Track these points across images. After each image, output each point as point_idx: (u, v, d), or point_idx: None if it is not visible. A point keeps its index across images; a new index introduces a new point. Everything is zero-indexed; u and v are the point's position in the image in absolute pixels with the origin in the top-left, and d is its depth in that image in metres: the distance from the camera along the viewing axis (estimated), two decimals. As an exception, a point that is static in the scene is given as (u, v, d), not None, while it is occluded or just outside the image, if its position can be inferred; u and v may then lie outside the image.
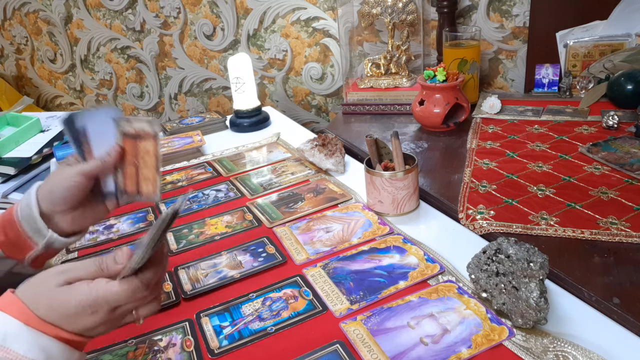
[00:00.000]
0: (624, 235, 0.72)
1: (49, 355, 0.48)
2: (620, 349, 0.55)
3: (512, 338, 0.57)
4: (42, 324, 0.48)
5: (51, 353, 0.48)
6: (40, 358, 0.47)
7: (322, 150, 1.02)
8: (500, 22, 1.34)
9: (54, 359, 0.48)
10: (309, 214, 0.87)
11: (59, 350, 0.49)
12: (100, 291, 0.50)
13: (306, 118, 1.73)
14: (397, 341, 0.58)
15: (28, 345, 0.47)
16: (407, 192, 0.83)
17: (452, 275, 0.69)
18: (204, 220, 0.89)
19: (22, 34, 2.12)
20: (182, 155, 1.16)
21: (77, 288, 0.50)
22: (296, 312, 0.65)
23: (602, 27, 1.23)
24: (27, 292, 0.50)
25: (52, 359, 0.48)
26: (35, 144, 1.69)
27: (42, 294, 0.50)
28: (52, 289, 0.50)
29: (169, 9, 1.75)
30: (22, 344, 0.47)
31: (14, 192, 1.57)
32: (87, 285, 0.50)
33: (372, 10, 1.32)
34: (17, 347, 0.46)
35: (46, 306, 0.49)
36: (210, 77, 1.82)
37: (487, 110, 1.21)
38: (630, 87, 1.11)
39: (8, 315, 0.48)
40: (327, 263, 0.74)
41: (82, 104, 2.17)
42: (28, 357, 0.46)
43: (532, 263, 0.57)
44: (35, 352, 0.47)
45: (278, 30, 1.62)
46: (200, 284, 0.72)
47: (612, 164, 0.91)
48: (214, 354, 0.60)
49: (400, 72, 1.35)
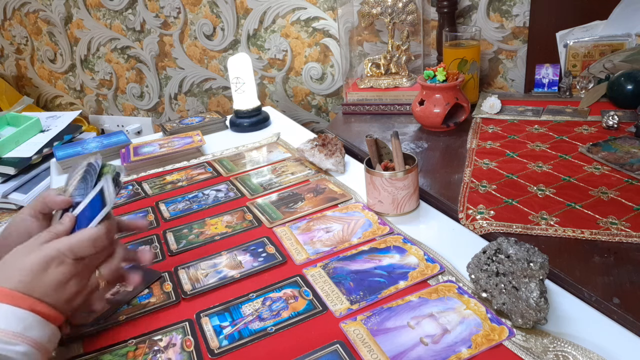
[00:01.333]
0: (624, 235, 0.72)
1: (26, 325, 0.50)
2: (620, 349, 0.55)
3: (512, 338, 0.57)
4: (16, 297, 0.51)
5: (28, 323, 0.50)
6: (19, 328, 0.49)
7: (322, 150, 1.02)
8: (500, 22, 1.34)
9: (33, 328, 0.51)
10: (309, 214, 0.87)
11: (33, 320, 0.51)
12: (64, 241, 0.54)
13: (306, 118, 1.73)
14: (397, 341, 0.58)
15: (4, 319, 0.49)
16: (407, 192, 0.83)
17: (452, 275, 0.69)
18: (204, 220, 0.89)
19: (22, 34, 2.12)
20: (182, 155, 1.16)
21: (32, 245, 0.54)
22: (296, 312, 0.65)
23: (602, 27, 1.23)
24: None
25: (31, 328, 0.50)
26: (35, 144, 1.69)
27: (7, 267, 0.53)
28: (14, 258, 0.54)
29: (169, 9, 1.75)
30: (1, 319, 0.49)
31: (14, 192, 1.57)
32: (51, 242, 0.54)
33: (372, 10, 1.32)
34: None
35: (10, 276, 0.52)
36: (210, 77, 1.83)
37: (487, 110, 1.21)
38: (630, 87, 1.11)
39: None
40: (327, 263, 0.74)
41: (82, 104, 2.17)
42: (6, 330, 0.49)
43: (532, 263, 0.57)
44: (13, 323, 0.49)
45: (278, 30, 1.62)
46: (200, 284, 0.72)
47: (612, 164, 0.91)
48: (214, 354, 0.60)
49: (400, 72, 1.35)
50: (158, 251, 0.81)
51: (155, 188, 1.03)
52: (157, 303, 0.69)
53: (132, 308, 0.68)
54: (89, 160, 0.64)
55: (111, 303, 0.68)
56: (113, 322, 0.66)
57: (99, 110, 2.15)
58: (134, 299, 0.70)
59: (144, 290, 0.72)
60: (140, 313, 0.67)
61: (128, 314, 0.67)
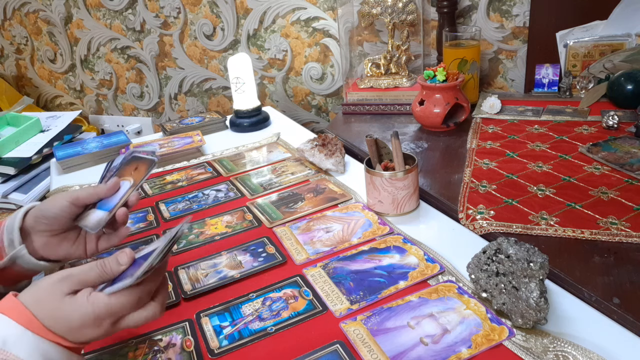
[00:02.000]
0: (624, 235, 0.72)
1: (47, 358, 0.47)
2: (620, 349, 0.55)
3: (512, 338, 0.57)
4: (43, 330, 0.48)
5: (51, 358, 0.48)
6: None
7: (322, 150, 1.02)
8: (500, 22, 1.34)
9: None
10: (309, 214, 0.87)
11: (59, 356, 0.49)
12: (102, 305, 0.49)
13: (306, 118, 1.73)
14: (397, 341, 0.58)
15: (29, 350, 0.46)
16: (407, 192, 0.83)
17: (452, 275, 0.69)
18: (204, 220, 0.89)
19: (22, 34, 2.12)
20: (182, 155, 1.16)
21: (80, 302, 0.50)
22: (296, 312, 0.65)
23: (602, 27, 1.23)
24: (30, 298, 0.50)
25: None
26: (35, 144, 1.69)
27: (46, 301, 0.49)
28: (56, 298, 0.50)
29: (169, 9, 1.75)
30: (23, 348, 0.46)
31: (14, 192, 1.57)
32: (87, 300, 0.50)
33: (372, 10, 1.32)
34: (17, 351, 0.46)
35: (49, 315, 0.49)
36: (210, 77, 1.83)
37: (487, 110, 1.21)
38: (630, 87, 1.11)
39: (10, 318, 0.47)
40: (327, 263, 0.74)
41: (82, 104, 2.17)
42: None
43: (532, 263, 0.57)
44: (36, 357, 0.47)
45: (278, 30, 1.62)
46: (200, 284, 0.72)
47: (612, 164, 0.91)
48: (214, 354, 0.60)
49: (400, 72, 1.35)
50: (158, 251, 0.81)
51: (155, 188, 1.03)
52: (157, 303, 0.69)
53: (132, 308, 0.68)
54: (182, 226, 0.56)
55: None
56: (113, 322, 0.66)
57: (99, 110, 2.15)
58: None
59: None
60: (140, 313, 0.67)
61: (128, 314, 0.67)
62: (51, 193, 1.05)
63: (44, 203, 0.65)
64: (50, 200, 0.65)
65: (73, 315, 0.49)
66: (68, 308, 0.49)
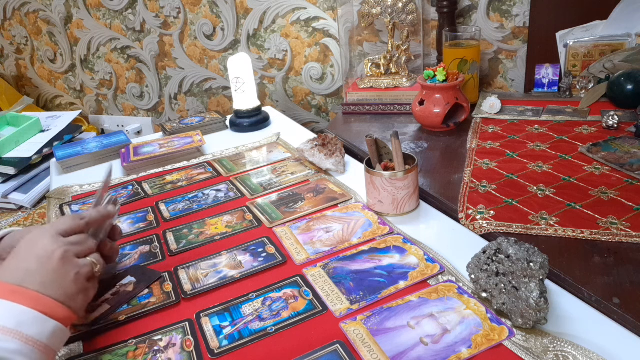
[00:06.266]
0: (624, 235, 0.72)
1: (19, 322, 0.49)
2: (620, 349, 0.55)
3: (512, 338, 0.57)
4: (13, 293, 0.51)
5: (22, 319, 0.50)
6: (10, 324, 0.48)
7: (322, 150, 1.02)
8: (500, 22, 1.34)
9: (27, 324, 0.50)
10: (309, 214, 0.87)
11: (33, 317, 0.51)
12: (49, 228, 0.58)
13: (306, 118, 1.73)
14: (397, 341, 0.58)
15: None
16: (407, 192, 0.83)
17: (452, 275, 0.69)
18: (204, 220, 0.89)
19: (22, 34, 2.13)
20: (182, 155, 1.16)
21: (33, 242, 0.57)
22: (296, 312, 0.65)
23: (602, 27, 1.23)
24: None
25: (23, 324, 0.49)
26: (35, 144, 1.69)
27: (4, 266, 0.55)
28: (11, 257, 0.56)
29: (169, 9, 1.75)
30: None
31: (14, 192, 1.57)
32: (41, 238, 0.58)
33: (372, 10, 1.32)
34: None
35: (8, 273, 0.53)
36: (210, 77, 1.83)
37: (487, 110, 1.21)
38: (630, 87, 1.11)
39: None
40: (327, 263, 0.74)
41: (82, 104, 2.17)
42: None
43: (532, 263, 0.57)
44: (5, 319, 0.49)
45: (278, 30, 1.62)
46: (200, 284, 0.72)
47: (612, 164, 0.91)
48: (214, 354, 0.60)
49: (400, 72, 1.35)
50: (158, 251, 0.81)
51: (155, 188, 1.03)
52: (157, 303, 0.69)
53: (132, 308, 0.68)
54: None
55: (111, 303, 0.69)
56: (113, 322, 0.66)
57: (99, 110, 2.15)
58: (134, 299, 0.70)
59: (144, 290, 0.72)
60: (140, 313, 0.67)
61: (128, 314, 0.67)
62: (51, 193, 1.05)
63: (20, 232, 0.66)
64: (25, 232, 0.65)
65: (29, 258, 0.55)
66: (23, 254, 0.55)
